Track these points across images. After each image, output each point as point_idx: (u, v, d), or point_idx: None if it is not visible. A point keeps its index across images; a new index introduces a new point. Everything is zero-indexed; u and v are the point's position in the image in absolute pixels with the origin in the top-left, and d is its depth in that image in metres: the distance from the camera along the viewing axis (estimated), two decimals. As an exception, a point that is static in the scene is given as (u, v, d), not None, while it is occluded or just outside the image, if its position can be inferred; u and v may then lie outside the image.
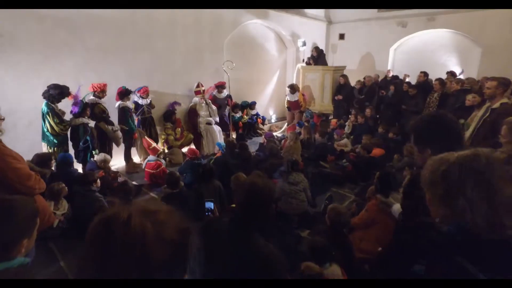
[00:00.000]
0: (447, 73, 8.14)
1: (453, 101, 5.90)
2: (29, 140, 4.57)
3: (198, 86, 6.70)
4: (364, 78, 8.55)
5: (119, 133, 5.35)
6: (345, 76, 8.54)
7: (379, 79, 8.95)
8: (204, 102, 6.76)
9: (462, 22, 8.57)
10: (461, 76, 7.94)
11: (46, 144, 4.53)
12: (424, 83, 7.31)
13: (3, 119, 2.58)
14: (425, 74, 7.40)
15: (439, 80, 6.51)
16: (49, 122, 4.34)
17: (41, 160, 3.92)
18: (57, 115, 4.41)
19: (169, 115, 6.44)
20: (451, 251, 0.95)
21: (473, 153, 0.94)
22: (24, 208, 1.16)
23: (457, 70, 8.66)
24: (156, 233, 0.56)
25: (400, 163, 5.23)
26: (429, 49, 9.63)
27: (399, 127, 6.82)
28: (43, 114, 4.37)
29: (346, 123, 7.77)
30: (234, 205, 3.29)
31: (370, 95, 8.19)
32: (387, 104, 7.65)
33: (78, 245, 3.40)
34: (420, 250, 1.15)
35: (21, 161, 2.46)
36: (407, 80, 8.37)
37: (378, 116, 7.86)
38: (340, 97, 8.39)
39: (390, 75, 9.11)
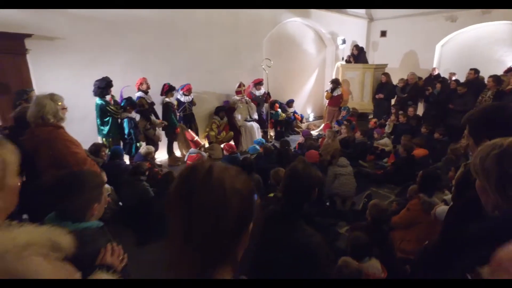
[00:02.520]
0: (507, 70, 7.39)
1: (510, 100, 5.47)
2: (83, 133, 4.95)
3: (239, 86, 6.86)
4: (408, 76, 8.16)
5: (151, 132, 5.57)
6: (386, 74, 8.24)
7: (423, 79, 8.42)
8: (245, 101, 6.92)
9: (523, 12, 7.79)
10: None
11: (101, 137, 4.96)
12: (474, 81, 6.85)
13: (66, 109, 2.85)
14: (475, 71, 6.93)
15: (494, 77, 6.05)
16: (110, 108, 4.83)
17: (95, 149, 4.28)
18: (110, 103, 4.89)
19: (221, 109, 6.75)
20: (500, 238, 0.92)
21: None
22: (92, 178, 1.36)
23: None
24: (231, 183, 0.64)
25: (442, 162, 4.96)
26: (482, 44, 8.90)
27: (445, 127, 6.45)
28: (99, 108, 4.76)
29: (387, 123, 7.51)
30: (271, 195, 3.37)
31: (413, 93, 7.82)
32: (431, 103, 7.26)
33: (126, 229, 3.70)
34: (469, 240, 1.12)
35: (79, 146, 2.72)
36: (453, 78, 7.85)
37: (421, 115, 7.49)
38: (381, 95, 8.11)
39: (436, 73, 8.58)
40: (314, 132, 8.49)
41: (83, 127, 5.06)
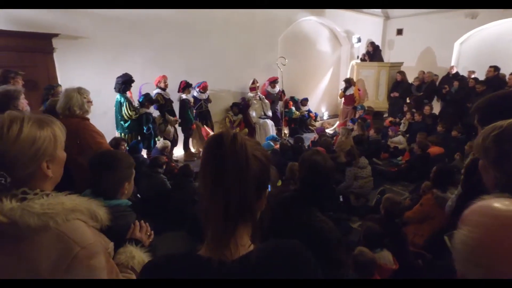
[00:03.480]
0: None
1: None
2: (104, 127, 5.14)
3: (253, 82, 7.00)
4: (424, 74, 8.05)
5: (162, 127, 5.69)
6: (402, 73, 8.17)
7: (439, 79, 8.26)
8: (258, 97, 7.03)
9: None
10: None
11: (120, 132, 5.15)
12: (494, 79, 6.70)
13: (91, 102, 3.01)
14: (495, 68, 6.77)
15: (515, 74, 5.92)
16: (124, 110, 4.93)
17: (114, 143, 4.47)
18: (130, 102, 5.01)
19: (235, 105, 6.91)
20: None
21: None
22: (125, 158, 1.49)
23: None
24: (251, 149, 0.73)
25: (456, 161, 4.90)
26: (504, 40, 8.58)
27: (463, 125, 6.35)
28: (119, 104, 4.95)
29: (402, 121, 7.45)
30: (279, 183, 3.47)
31: (429, 92, 7.71)
32: (448, 102, 7.15)
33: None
34: None
35: (103, 137, 2.89)
36: (473, 76, 7.68)
37: (438, 114, 7.39)
38: (396, 94, 8.05)
39: (454, 71, 8.40)
40: (329, 131, 8.51)
41: (103, 122, 5.26)
